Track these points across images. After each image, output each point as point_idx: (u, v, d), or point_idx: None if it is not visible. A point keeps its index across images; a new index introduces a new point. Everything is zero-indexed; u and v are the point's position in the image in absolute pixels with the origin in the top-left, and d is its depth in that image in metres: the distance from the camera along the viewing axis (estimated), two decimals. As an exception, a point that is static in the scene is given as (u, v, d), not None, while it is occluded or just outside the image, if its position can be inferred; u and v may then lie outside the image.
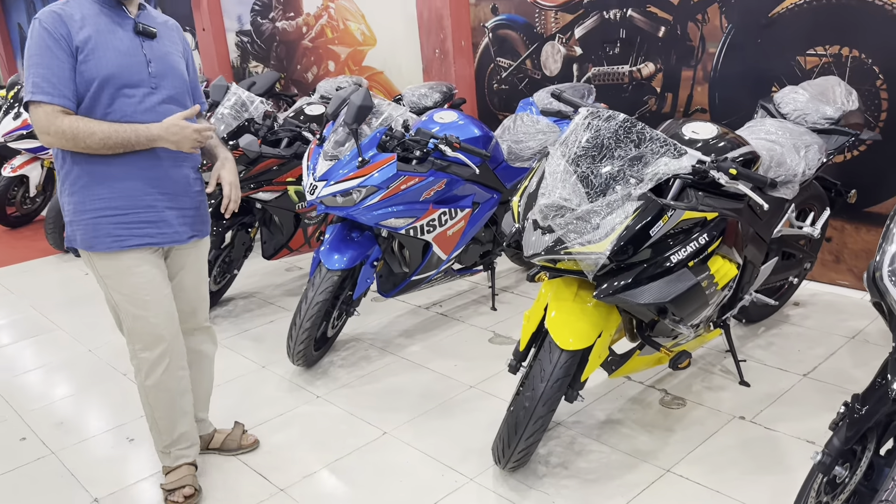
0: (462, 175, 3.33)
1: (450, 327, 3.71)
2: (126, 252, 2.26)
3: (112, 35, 2.18)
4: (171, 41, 2.36)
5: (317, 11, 6.27)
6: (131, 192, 2.24)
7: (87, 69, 2.13)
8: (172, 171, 2.31)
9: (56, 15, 2.13)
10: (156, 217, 2.28)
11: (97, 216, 2.23)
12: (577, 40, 4.56)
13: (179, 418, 2.46)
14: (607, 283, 2.22)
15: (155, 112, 2.24)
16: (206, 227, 2.49)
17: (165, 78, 2.27)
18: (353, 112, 3.05)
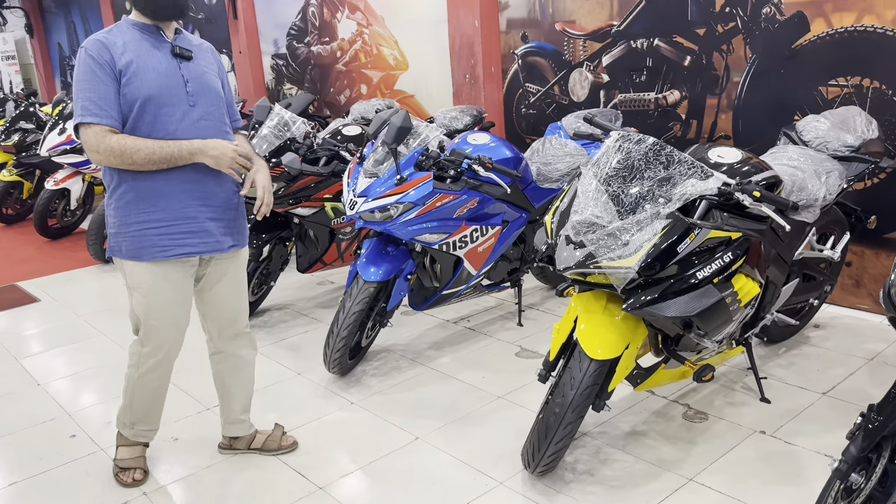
0: (493, 194, 3.48)
1: (478, 341, 3.84)
2: (168, 262, 2.43)
3: (152, 58, 2.35)
4: (207, 62, 2.52)
5: (351, 37, 6.51)
6: (174, 205, 2.40)
7: (130, 91, 2.30)
8: (213, 186, 2.47)
9: (100, 43, 2.31)
10: (198, 228, 2.44)
11: (143, 228, 2.39)
12: (604, 68, 4.72)
13: (152, 409, 2.71)
14: (635, 296, 2.35)
15: (194, 128, 2.39)
16: (245, 237, 2.65)
17: (202, 96, 2.43)
18: (393, 133, 3.22)
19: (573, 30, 4.84)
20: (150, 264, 2.42)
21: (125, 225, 2.41)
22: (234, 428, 2.88)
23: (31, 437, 3.14)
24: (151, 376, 2.61)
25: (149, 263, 2.42)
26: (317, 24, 6.84)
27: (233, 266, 2.62)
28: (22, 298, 4.98)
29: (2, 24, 13.11)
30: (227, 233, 2.54)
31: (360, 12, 6.33)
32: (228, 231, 2.54)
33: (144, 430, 2.76)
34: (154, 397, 2.68)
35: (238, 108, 6.73)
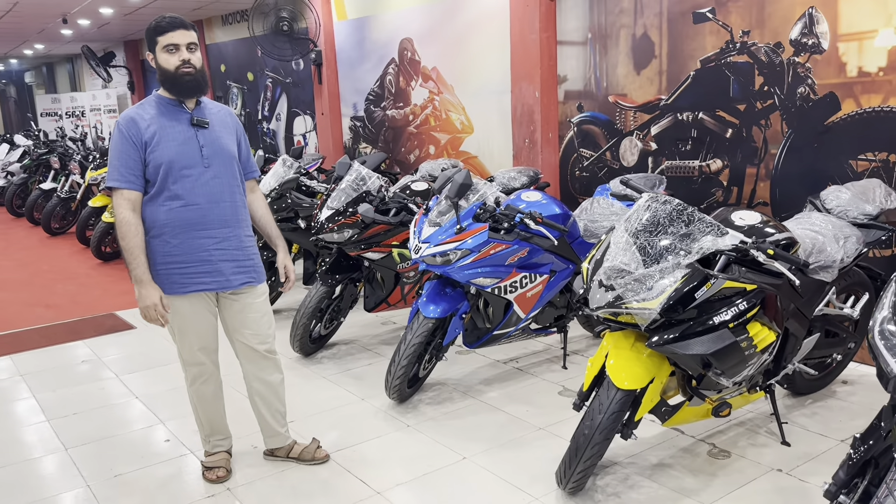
0: (542, 246, 3.89)
1: (524, 380, 4.20)
2: (187, 296, 2.93)
3: (172, 129, 2.85)
4: (223, 126, 2.99)
5: (423, 102, 7.13)
6: (191, 249, 2.89)
7: (155, 157, 2.81)
8: (228, 233, 2.95)
9: (131, 119, 2.82)
10: (211, 268, 2.92)
11: (168, 267, 2.89)
12: (652, 136, 5.14)
13: (212, 417, 3.20)
14: (658, 335, 2.71)
15: (208, 185, 2.88)
16: (261, 275, 3.08)
17: (215, 157, 2.91)
18: (455, 188, 3.70)
19: (625, 102, 5.29)
20: (174, 297, 2.92)
21: (155, 263, 2.90)
22: (272, 441, 3.32)
23: (132, 440, 3.64)
24: (200, 388, 3.11)
25: (173, 297, 2.91)
26: (393, 91, 7.51)
27: (250, 299, 3.05)
28: (119, 325, 5.60)
29: (107, 81, 14.43)
30: (239, 272, 2.99)
31: (433, 81, 6.96)
32: (240, 270, 2.99)
33: (218, 440, 3.27)
34: (210, 409, 3.17)
35: (318, 163, 7.40)
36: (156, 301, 2.82)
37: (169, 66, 2.83)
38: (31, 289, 6.96)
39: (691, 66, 4.85)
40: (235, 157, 3.01)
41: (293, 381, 4.33)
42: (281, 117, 9.66)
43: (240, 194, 3.01)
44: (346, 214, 4.43)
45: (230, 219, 2.95)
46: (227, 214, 2.94)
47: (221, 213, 2.92)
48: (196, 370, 3.07)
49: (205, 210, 2.88)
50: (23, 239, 9.79)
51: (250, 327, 3.07)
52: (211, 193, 2.89)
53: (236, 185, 2.99)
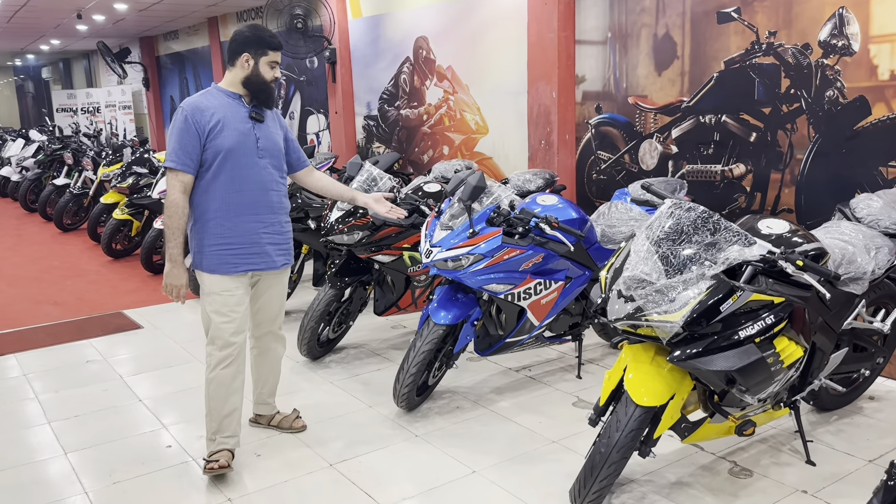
0: (558, 251, 3.76)
1: (537, 389, 4.07)
2: (236, 276, 3.11)
3: (234, 119, 3.07)
4: (273, 123, 3.24)
5: (437, 102, 7.01)
6: (242, 232, 3.10)
7: (216, 144, 3.01)
8: (273, 218, 3.18)
9: (195, 106, 3.03)
10: (260, 250, 3.16)
11: (220, 249, 3.08)
12: (673, 139, 4.99)
13: (227, 410, 3.18)
14: (680, 349, 2.58)
15: (260, 174, 3.11)
16: (292, 257, 3.34)
17: (268, 150, 3.15)
18: (468, 191, 3.57)
19: (645, 104, 5.14)
20: (223, 277, 3.09)
21: (206, 246, 3.09)
22: (261, 408, 3.61)
23: (134, 445, 3.55)
24: (221, 373, 3.14)
25: (222, 276, 3.09)
26: (407, 90, 7.39)
27: (279, 279, 3.33)
28: (127, 325, 5.52)
29: (122, 77, 14.43)
30: (282, 253, 3.26)
31: (448, 81, 6.84)
32: (282, 252, 3.26)
33: (224, 437, 3.21)
34: (225, 396, 3.16)
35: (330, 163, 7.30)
36: (183, 283, 3.06)
37: (267, 77, 3.14)
38: (41, 285, 6.91)
39: (715, 68, 4.70)
40: (283, 152, 3.27)
41: (300, 385, 4.22)
42: (294, 116, 9.58)
43: (283, 184, 3.25)
44: (357, 216, 4.32)
45: (276, 206, 3.19)
46: (273, 202, 3.17)
47: (269, 200, 3.15)
48: (225, 353, 3.14)
49: (257, 196, 3.11)
50: (35, 234, 9.77)
51: (274, 305, 3.35)
52: (262, 182, 3.12)
53: (283, 177, 3.26)
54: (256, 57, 3.10)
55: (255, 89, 3.11)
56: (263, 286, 3.29)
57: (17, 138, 13.70)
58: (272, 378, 3.55)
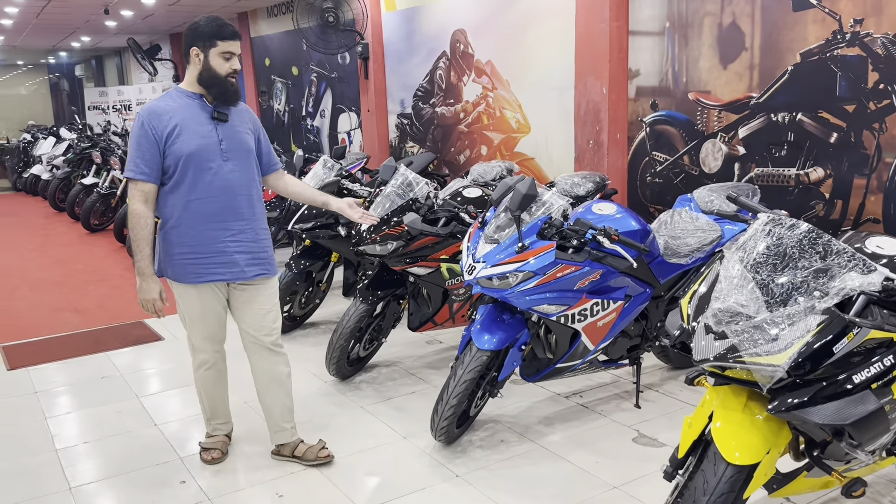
0: (617, 267, 3.33)
1: (591, 420, 3.64)
2: (202, 285, 2.98)
3: (194, 122, 2.89)
4: (241, 122, 3.03)
5: (475, 99, 6.59)
6: (207, 240, 2.94)
7: (174, 150, 2.85)
8: (243, 225, 2.99)
9: (153, 112, 2.87)
10: (226, 259, 2.97)
11: (183, 258, 2.94)
12: (740, 139, 4.51)
13: (214, 403, 3.29)
14: (782, 397, 2.13)
15: (226, 178, 2.93)
16: (273, 269, 3.13)
17: (233, 152, 2.96)
18: (517, 200, 3.16)
19: (708, 100, 4.67)
20: (187, 286, 2.98)
21: (170, 254, 2.97)
22: (278, 436, 3.29)
23: (146, 478, 3.20)
24: (203, 374, 3.19)
25: (186, 285, 2.98)
26: (443, 86, 6.99)
27: (261, 291, 3.10)
28: (147, 336, 5.21)
29: (152, 75, 14.26)
30: (253, 263, 3.04)
31: (487, 76, 6.41)
32: (255, 261, 3.04)
33: (219, 423, 3.35)
34: (212, 394, 3.26)
35: (362, 163, 6.93)
36: (154, 296, 2.94)
37: (221, 71, 2.90)
38: (63, 290, 6.66)
39: (789, 60, 4.21)
40: (253, 152, 3.06)
41: (329, 409, 3.85)
42: (325, 114, 9.23)
43: (256, 188, 3.06)
44: (391, 224, 3.93)
45: (246, 212, 3.00)
46: (243, 207, 2.99)
47: (238, 206, 2.97)
48: (201, 357, 3.16)
49: (221, 203, 2.94)
50: (62, 235, 9.58)
51: (256, 318, 3.11)
52: (228, 186, 2.94)
53: (253, 179, 3.05)
54: (205, 50, 2.87)
55: (209, 85, 2.90)
56: (242, 298, 3.09)
57: (48, 136, 13.63)
58: (280, 400, 3.26)
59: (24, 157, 14.66)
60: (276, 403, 3.24)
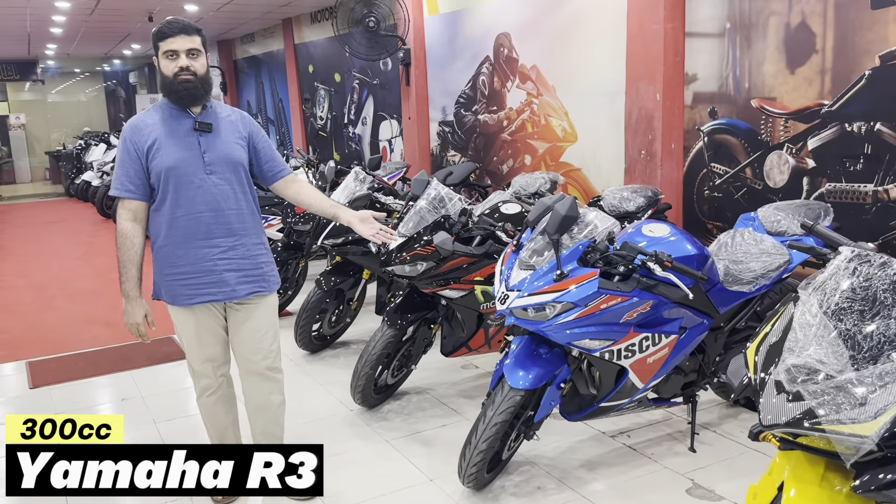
0: (670, 297, 2.96)
1: (639, 465, 3.27)
2: (193, 308, 2.81)
3: (174, 135, 2.72)
4: (230, 130, 2.83)
5: (520, 106, 6.26)
6: (194, 259, 2.76)
7: (155, 165, 2.70)
8: (233, 242, 2.80)
9: (133, 126, 2.74)
10: (216, 279, 2.79)
11: (173, 279, 2.78)
12: (809, 151, 4.08)
13: (222, 433, 3.07)
14: (872, 473, 1.75)
15: (210, 193, 2.75)
16: (270, 285, 2.93)
17: (219, 164, 2.77)
18: (556, 222, 2.82)
19: (773, 107, 4.25)
20: (181, 308, 2.82)
21: (161, 275, 2.82)
22: None
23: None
24: (206, 401, 2.99)
25: (180, 308, 2.82)
26: (486, 93, 6.68)
27: (258, 310, 2.91)
28: (175, 354, 5.03)
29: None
30: (246, 281, 2.84)
31: (532, 82, 6.08)
32: (248, 279, 2.85)
33: None
34: (219, 424, 3.03)
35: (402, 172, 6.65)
36: (138, 320, 2.80)
37: (168, 73, 2.70)
38: (98, 302, 6.58)
39: (867, 64, 3.76)
40: (242, 163, 2.87)
41: (353, 443, 3.57)
42: (367, 121, 9.02)
43: (247, 201, 2.87)
44: (421, 243, 3.64)
45: (236, 227, 2.83)
46: (232, 222, 2.81)
47: (226, 221, 2.80)
48: (204, 382, 2.97)
49: (207, 219, 2.77)
50: (106, 243, 9.60)
51: (252, 339, 2.93)
52: (214, 201, 2.77)
53: (243, 192, 2.86)
54: (157, 54, 2.73)
55: (166, 92, 2.73)
56: (238, 318, 2.91)
57: (99, 143, 13.82)
58: (270, 431, 3.05)
59: (77, 164, 14.92)
60: (265, 435, 3.06)
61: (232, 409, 3.07)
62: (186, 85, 2.68)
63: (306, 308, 4.67)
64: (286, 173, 3.01)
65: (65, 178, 16.11)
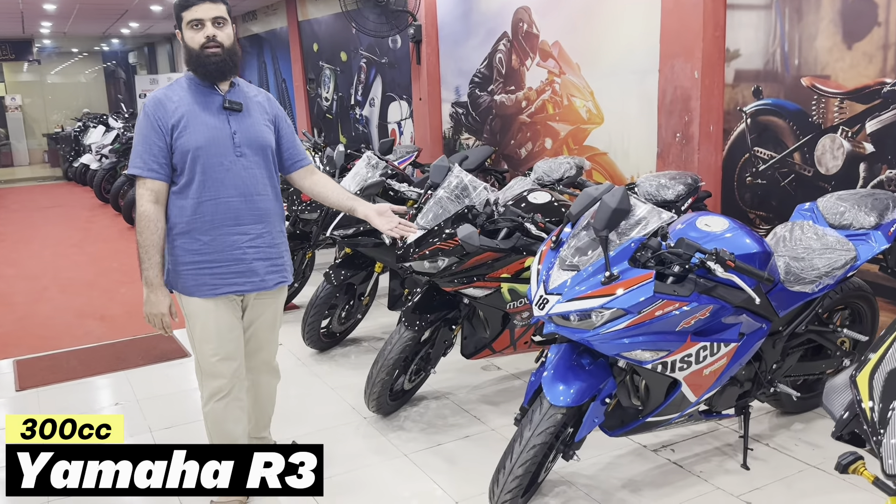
0: (732, 301, 2.60)
1: (687, 485, 2.93)
2: (217, 298, 2.60)
3: (202, 112, 2.56)
4: (259, 112, 2.68)
5: (540, 86, 5.86)
6: (222, 247, 2.58)
7: (182, 143, 2.52)
8: (261, 229, 2.64)
9: (157, 101, 2.55)
10: (245, 268, 2.63)
11: (196, 268, 2.58)
12: (867, 135, 3.70)
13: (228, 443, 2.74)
14: None
15: (240, 175, 2.59)
16: (290, 274, 2.80)
17: (249, 146, 2.62)
18: (605, 216, 2.46)
19: (827, 86, 3.86)
20: (202, 300, 2.60)
21: (181, 264, 2.59)
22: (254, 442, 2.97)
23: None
24: (215, 406, 2.70)
25: (200, 299, 2.59)
26: (503, 72, 6.27)
27: (273, 301, 2.81)
28: (173, 352, 4.69)
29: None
30: (273, 271, 2.71)
31: (553, 59, 5.67)
32: (275, 268, 2.72)
33: None
34: (228, 433, 2.74)
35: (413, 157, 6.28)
36: (164, 311, 2.58)
37: (194, 45, 2.54)
38: (93, 293, 6.25)
39: (939, 35, 3.38)
40: (271, 147, 2.72)
41: (367, 458, 3.24)
42: (375, 102, 8.61)
43: (274, 186, 2.73)
44: (443, 237, 3.28)
45: (264, 214, 2.67)
46: (261, 209, 2.66)
47: (255, 207, 2.64)
48: (215, 385, 2.70)
49: (237, 204, 2.60)
50: (103, 229, 9.27)
51: (268, 332, 2.86)
52: (244, 185, 2.61)
53: (271, 177, 2.72)
54: (180, 27, 2.57)
55: (193, 66, 2.57)
56: (255, 311, 2.78)
57: (97, 125, 13.42)
58: (266, 413, 3.05)
59: (75, 147, 14.53)
60: (258, 414, 3.01)
61: (243, 419, 2.81)
62: (215, 58, 2.52)
63: (314, 304, 4.33)
64: (306, 163, 2.87)
65: (63, 161, 15.74)
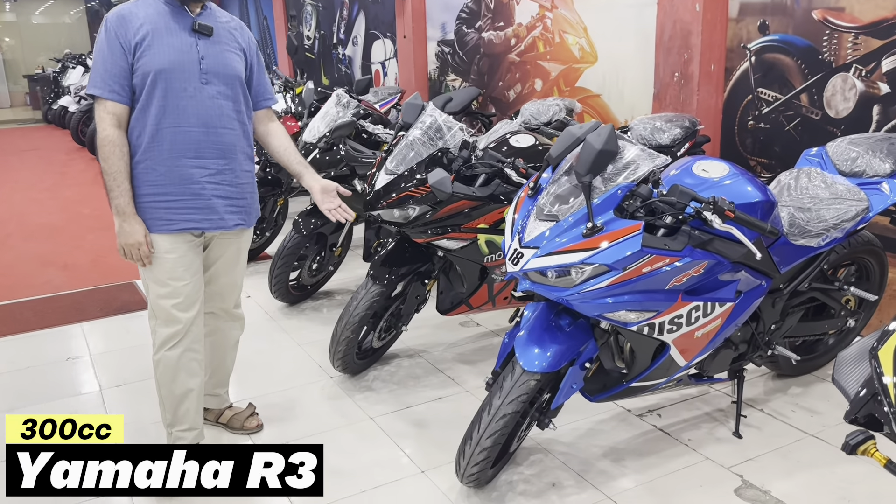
0: (730, 256, 2.32)
1: (675, 455, 2.70)
2: (171, 235, 2.44)
3: (169, 32, 2.38)
4: (230, 39, 2.51)
5: (530, 22, 5.47)
6: (178, 179, 2.42)
7: (143, 64, 2.34)
8: (223, 165, 2.47)
9: (121, 17, 2.35)
10: (203, 204, 2.46)
11: (152, 200, 2.42)
12: (883, 74, 3.37)
13: (182, 400, 2.59)
14: None
15: (204, 105, 2.41)
16: (253, 218, 2.65)
17: (217, 74, 2.44)
18: (588, 159, 2.16)
19: (840, 20, 3.51)
20: (158, 235, 2.45)
21: (138, 196, 2.43)
22: (209, 400, 2.89)
23: (74, 521, 2.41)
24: (167, 354, 2.54)
25: (157, 235, 2.44)
26: (491, 7, 5.86)
27: (235, 244, 2.66)
28: (133, 303, 4.43)
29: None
30: (233, 211, 2.55)
31: (545, -8, 5.27)
32: (236, 209, 2.56)
33: (181, 431, 2.63)
34: (176, 383, 2.57)
35: (395, 99, 5.92)
36: (140, 239, 2.41)
37: None
38: (60, 239, 5.97)
39: (970, -40, 3.02)
40: (241, 78, 2.54)
41: (331, 420, 3.01)
42: (358, 41, 8.17)
43: (242, 122, 2.55)
44: (414, 182, 2.98)
45: (227, 149, 2.50)
46: (224, 143, 2.49)
47: (218, 140, 2.47)
48: (170, 330, 2.53)
49: (197, 135, 2.44)
50: (79, 174, 8.94)
51: (229, 276, 2.71)
52: (207, 115, 2.44)
53: (239, 111, 2.53)
54: None
55: None
56: (215, 252, 2.64)
57: (76, 66, 12.94)
58: (225, 366, 2.90)
59: (55, 88, 14.06)
60: (220, 370, 2.89)
61: (198, 373, 2.63)
62: None
63: (281, 254, 4.05)
64: (270, 103, 2.71)
65: (42, 103, 15.26)
